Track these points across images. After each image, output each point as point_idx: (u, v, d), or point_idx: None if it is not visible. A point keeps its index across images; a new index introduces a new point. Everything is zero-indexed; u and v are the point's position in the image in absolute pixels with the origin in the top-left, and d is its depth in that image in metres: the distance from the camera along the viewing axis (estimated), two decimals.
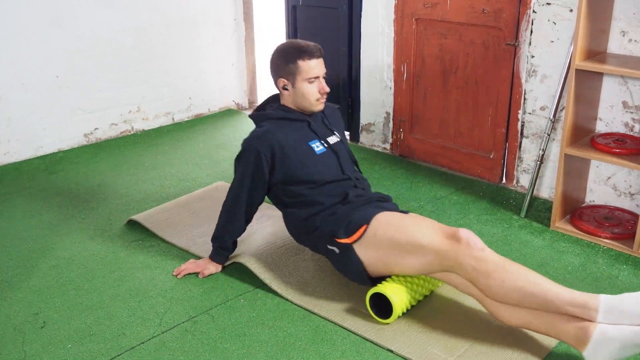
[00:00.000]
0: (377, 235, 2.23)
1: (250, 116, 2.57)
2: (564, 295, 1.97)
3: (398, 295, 2.22)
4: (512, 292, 2.02)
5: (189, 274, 2.59)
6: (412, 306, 2.32)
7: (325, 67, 2.47)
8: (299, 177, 2.42)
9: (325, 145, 2.50)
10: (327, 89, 2.46)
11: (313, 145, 2.47)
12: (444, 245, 2.10)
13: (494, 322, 2.24)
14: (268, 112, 2.51)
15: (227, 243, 2.56)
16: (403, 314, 2.28)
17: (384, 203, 2.48)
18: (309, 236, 2.45)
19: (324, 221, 2.37)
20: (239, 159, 2.47)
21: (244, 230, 2.57)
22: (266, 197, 2.56)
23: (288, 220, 2.52)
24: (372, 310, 2.28)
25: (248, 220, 2.54)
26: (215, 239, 2.57)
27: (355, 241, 2.28)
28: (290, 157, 2.40)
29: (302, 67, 2.40)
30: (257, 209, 2.54)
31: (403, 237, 2.18)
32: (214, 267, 2.59)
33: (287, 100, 2.51)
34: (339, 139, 2.58)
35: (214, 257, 2.59)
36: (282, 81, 2.46)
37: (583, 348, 1.94)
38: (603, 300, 1.93)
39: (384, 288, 2.23)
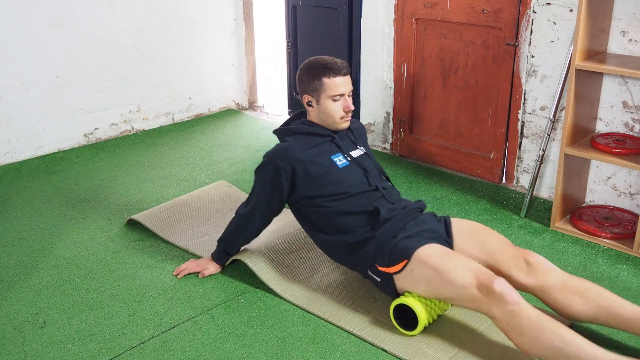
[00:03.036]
0: (414, 272, 2.18)
1: (274, 132, 2.53)
2: (600, 357, 1.88)
3: (423, 307, 2.18)
4: (545, 351, 1.93)
5: (189, 273, 2.59)
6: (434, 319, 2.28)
7: None
8: (323, 192, 2.37)
9: (349, 158, 2.45)
10: (352, 107, 2.41)
11: (335, 159, 2.42)
12: (478, 297, 2.03)
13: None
14: (292, 127, 2.48)
15: (234, 250, 2.56)
16: (425, 327, 2.23)
17: (422, 216, 2.40)
18: (348, 258, 2.39)
19: (366, 244, 2.31)
20: (258, 171, 2.44)
21: (253, 240, 2.56)
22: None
23: (323, 247, 2.46)
24: (396, 322, 2.24)
25: (260, 231, 2.53)
26: (222, 242, 2.56)
27: (395, 272, 2.23)
28: (312, 172, 2.36)
29: (327, 85, 2.36)
30: (271, 221, 2.52)
31: (439, 281, 2.12)
32: (214, 268, 2.58)
33: (312, 116, 2.47)
34: (363, 152, 2.52)
35: (216, 257, 2.58)
36: (307, 97, 2.42)
37: None
38: None
39: (410, 300, 2.19)
